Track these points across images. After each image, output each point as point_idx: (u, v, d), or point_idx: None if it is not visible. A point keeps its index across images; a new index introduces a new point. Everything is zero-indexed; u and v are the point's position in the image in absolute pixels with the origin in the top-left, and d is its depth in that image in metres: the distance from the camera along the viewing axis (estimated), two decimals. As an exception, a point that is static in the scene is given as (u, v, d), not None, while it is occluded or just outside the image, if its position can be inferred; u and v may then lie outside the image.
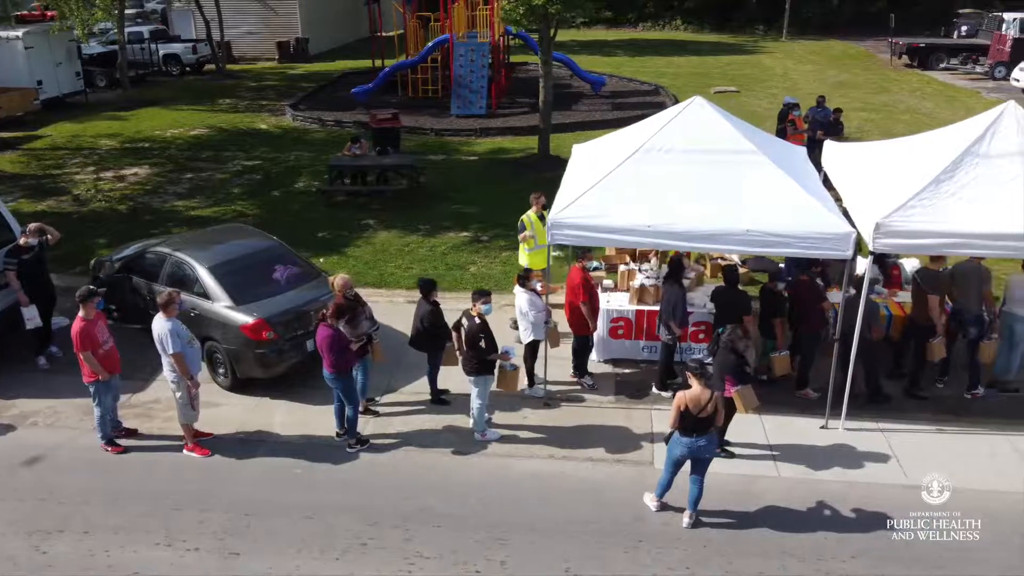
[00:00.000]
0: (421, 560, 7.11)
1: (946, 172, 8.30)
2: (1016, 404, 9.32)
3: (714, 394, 7.07)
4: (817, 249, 8.24)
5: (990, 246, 7.94)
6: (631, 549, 7.24)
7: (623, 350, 10.25)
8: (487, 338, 8.48)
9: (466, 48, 23.47)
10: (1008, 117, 8.59)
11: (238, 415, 9.29)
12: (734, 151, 8.77)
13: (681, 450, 7.23)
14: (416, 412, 9.37)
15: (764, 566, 7.05)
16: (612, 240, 8.64)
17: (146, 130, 22.44)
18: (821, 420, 8.96)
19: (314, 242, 14.24)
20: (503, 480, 8.22)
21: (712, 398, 7.04)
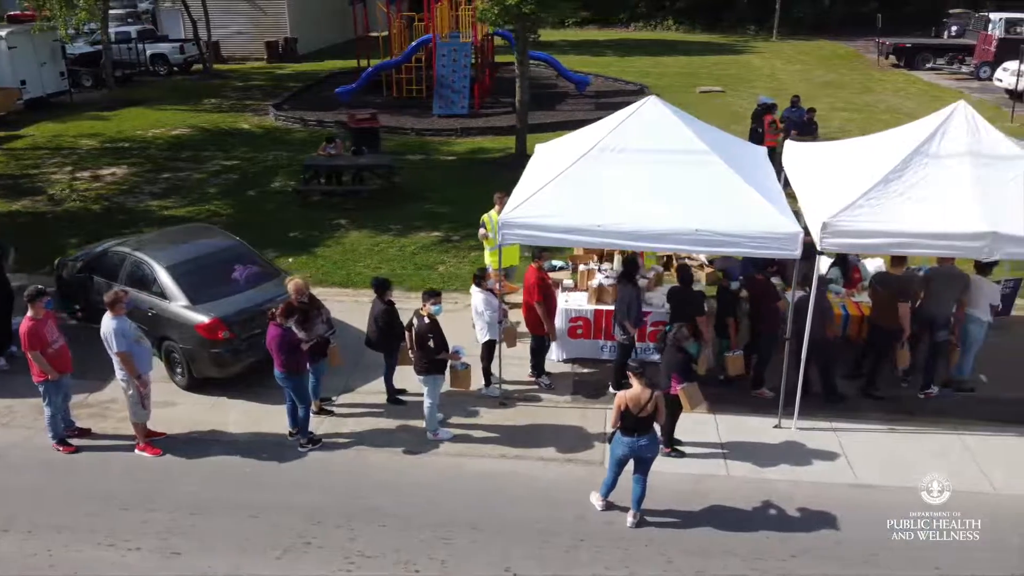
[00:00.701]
0: (362, 559, 7.12)
1: (895, 172, 8.32)
2: (970, 404, 9.33)
3: (654, 393, 7.08)
4: (766, 248, 8.25)
5: (936, 245, 7.96)
6: (572, 548, 7.26)
7: (582, 349, 10.26)
8: (436, 338, 8.49)
9: (448, 48, 23.47)
10: (958, 117, 8.62)
11: (193, 414, 9.30)
12: (686, 151, 8.78)
13: (623, 449, 7.24)
14: (372, 412, 9.38)
15: (704, 565, 7.07)
16: (563, 240, 8.64)
17: (128, 130, 22.45)
18: (775, 419, 8.98)
19: (285, 242, 14.26)
20: (453, 480, 8.23)
21: (652, 397, 7.05)
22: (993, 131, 8.56)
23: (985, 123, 8.65)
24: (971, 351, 9.39)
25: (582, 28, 47.67)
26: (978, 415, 9.10)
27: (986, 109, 23.48)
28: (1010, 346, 10.51)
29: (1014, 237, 7.64)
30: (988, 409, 9.20)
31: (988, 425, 8.90)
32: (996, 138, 8.49)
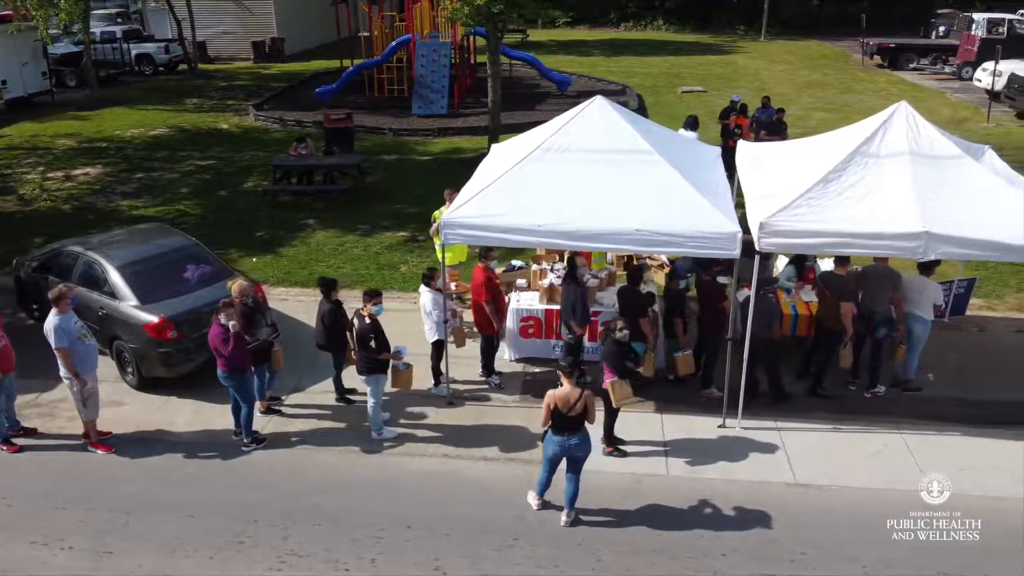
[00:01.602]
0: (293, 559, 7.14)
1: (835, 172, 8.36)
2: (915, 402, 9.35)
3: (584, 393, 7.10)
4: (706, 248, 8.28)
5: (872, 245, 7.99)
6: (504, 548, 7.28)
7: (534, 349, 10.28)
8: (378, 338, 8.52)
9: (428, 48, 23.49)
10: (898, 118, 8.66)
11: (142, 414, 9.33)
12: (630, 151, 8.80)
13: (554, 448, 7.27)
14: (320, 411, 9.41)
15: (633, 563, 7.09)
16: (505, 240, 8.66)
17: (107, 130, 22.47)
18: (720, 419, 9.00)
19: (252, 242, 14.29)
20: (393, 479, 8.25)
21: (582, 396, 7.07)
22: (933, 131, 8.58)
23: (925, 123, 8.68)
24: (916, 350, 9.41)
25: (572, 28, 47.74)
26: (923, 415, 9.12)
27: (964, 109, 23.60)
28: (962, 346, 10.56)
29: (947, 237, 7.67)
30: (934, 409, 9.22)
31: (931, 425, 8.92)
32: (935, 138, 8.51)
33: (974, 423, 8.93)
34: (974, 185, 8.15)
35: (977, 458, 8.35)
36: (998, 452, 8.43)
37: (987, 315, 11.39)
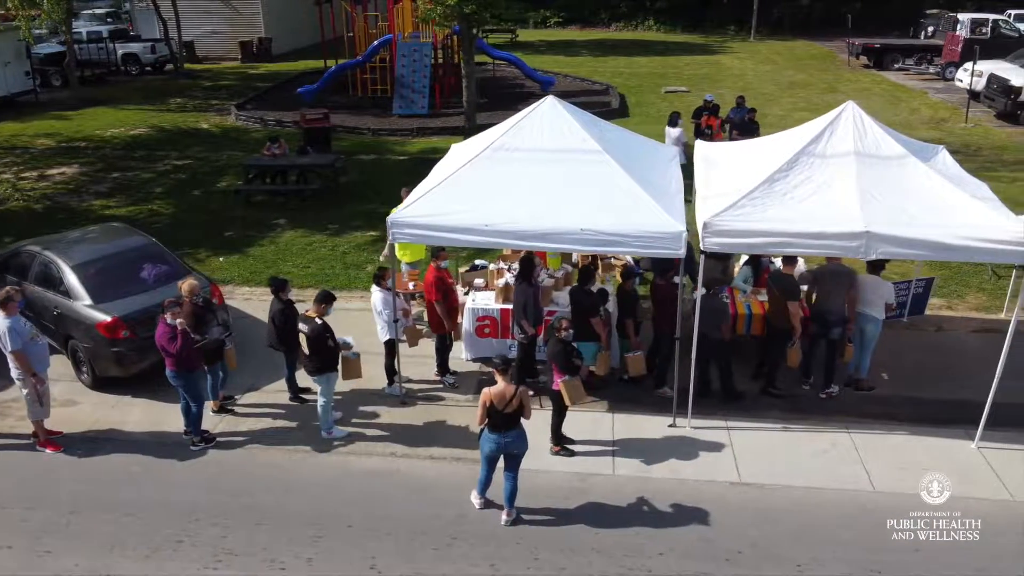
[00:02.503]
0: (230, 557, 7.16)
1: (780, 171, 8.38)
2: (867, 402, 9.37)
3: (518, 389, 7.12)
4: (651, 248, 8.28)
5: (814, 245, 7.99)
6: (443, 547, 7.29)
7: (490, 348, 10.26)
8: (332, 336, 8.55)
9: (409, 48, 23.52)
10: (845, 118, 8.68)
11: (95, 413, 9.34)
12: (579, 151, 8.81)
13: (490, 446, 7.29)
14: (272, 411, 9.42)
15: (569, 562, 7.10)
16: (451, 239, 8.66)
17: (87, 129, 22.49)
18: (671, 418, 9.01)
19: (220, 241, 14.31)
20: (338, 478, 8.26)
21: (516, 393, 7.09)
22: (879, 131, 8.60)
23: (872, 123, 8.69)
24: (868, 350, 9.42)
25: (563, 28, 47.77)
26: (874, 414, 9.14)
27: (945, 109, 23.61)
28: (918, 345, 10.58)
29: (888, 236, 7.68)
30: (885, 408, 9.24)
31: (881, 424, 8.94)
32: (880, 138, 8.52)
33: (923, 423, 8.94)
34: (917, 185, 8.15)
35: (921, 457, 8.36)
36: (942, 451, 8.45)
37: (947, 315, 11.40)
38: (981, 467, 8.22)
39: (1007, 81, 21.28)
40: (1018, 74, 21.45)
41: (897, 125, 21.80)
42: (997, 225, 7.69)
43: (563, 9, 48.49)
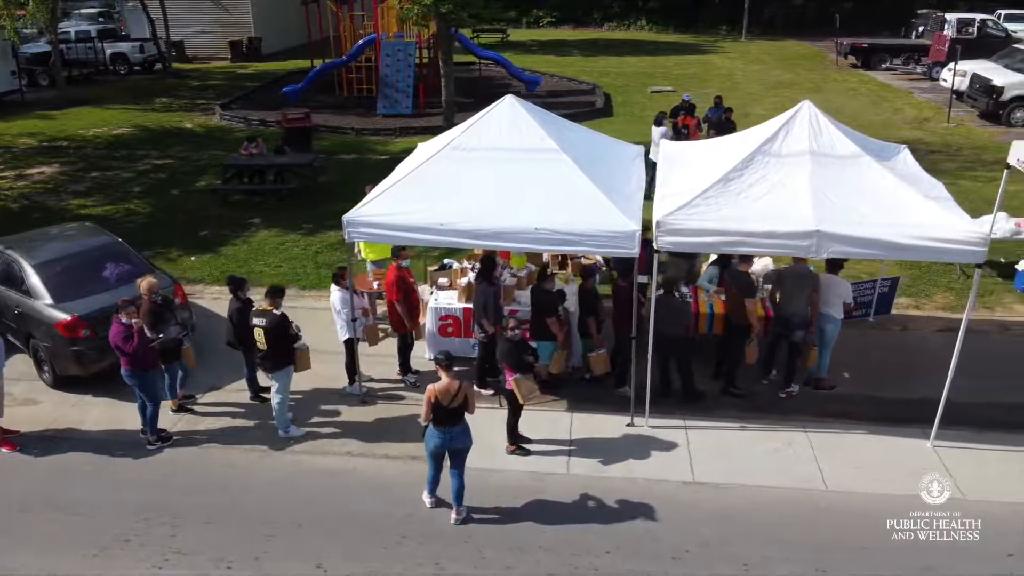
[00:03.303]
0: (177, 556, 7.16)
1: (735, 171, 8.38)
2: (827, 401, 9.37)
3: (462, 385, 7.13)
4: (605, 247, 8.29)
5: (766, 244, 7.98)
6: (391, 545, 7.29)
7: (453, 348, 10.23)
8: (291, 326, 8.57)
9: (393, 48, 23.53)
10: (801, 117, 8.67)
11: (54, 412, 9.34)
12: (536, 149, 8.81)
13: (435, 442, 7.29)
14: (232, 410, 9.42)
15: (515, 560, 7.11)
16: (407, 238, 8.66)
17: (71, 129, 22.50)
18: (629, 418, 9.00)
19: (194, 240, 14.31)
20: (293, 477, 8.26)
21: (461, 388, 7.10)
22: (834, 130, 8.60)
23: (828, 122, 8.69)
24: (827, 349, 9.42)
25: (556, 28, 47.76)
26: (833, 413, 9.13)
27: (928, 109, 23.60)
28: (882, 344, 10.58)
29: (838, 235, 7.67)
30: (844, 407, 9.24)
31: (839, 423, 8.94)
32: (836, 137, 8.52)
33: (882, 422, 8.95)
34: (871, 184, 8.14)
35: (876, 456, 8.37)
36: (897, 450, 8.45)
37: (913, 314, 11.40)
38: (934, 465, 8.20)
39: (989, 81, 21.27)
40: (1000, 74, 21.44)
41: (880, 125, 21.95)
42: (949, 225, 7.69)
43: (556, 9, 48.48)
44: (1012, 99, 20.83)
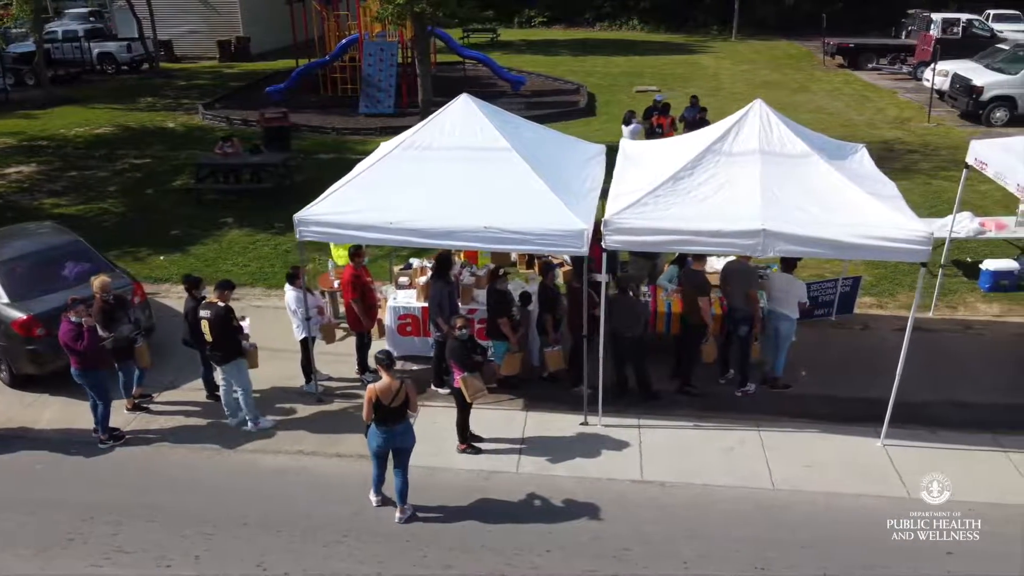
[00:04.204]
0: (119, 555, 7.16)
1: (685, 169, 8.38)
2: (783, 400, 9.37)
3: (404, 383, 7.14)
4: (554, 246, 8.28)
5: (712, 243, 7.97)
6: (333, 544, 7.29)
7: (413, 347, 10.29)
8: (235, 318, 8.59)
9: (375, 47, 23.53)
10: (752, 116, 8.67)
11: (8, 411, 9.36)
12: (489, 149, 8.80)
13: (377, 441, 7.30)
14: (188, 409, 9.42)
15: (456, 559, 7.11)
16: (357, 237, 8.67)
17: (52, 128, 22.50)
18: (583, 417, 9.00)
19: (165, 240, 14.31)
20: (243, 476, 8.27)
21: (402, 387, 7.11)
22: (784, 129, 8.58)
23: (779, 121, 8.67)
24: (783, 349, 9.42)
25: (548, 27, 47.76)
26: (789, 412, 9.13)
27: (910, 109, 23.58)
28: (842, 344, 10.59)
29: (784, 234, 7.67)
30: (799, 406, 9.24)
31: (792, 422, 8.93)
32: (786, 136, 8.51)
33: (835, 420, 8.95)
34: (820, 183, 8.13)
35: (826, 455, 8.37)
36: (848, 449, 8.46)
37: (876, 313, 11.39)
38: (883, 464, 8.22)
39: (969, 81, 21.26)
40: (980, 74, 21.42)
41: (861, 124, 21.98)
42: (894, 224, 7.69)
43: (548, 9, 48.47)
44: (991, 99, 20.81)
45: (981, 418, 8.88)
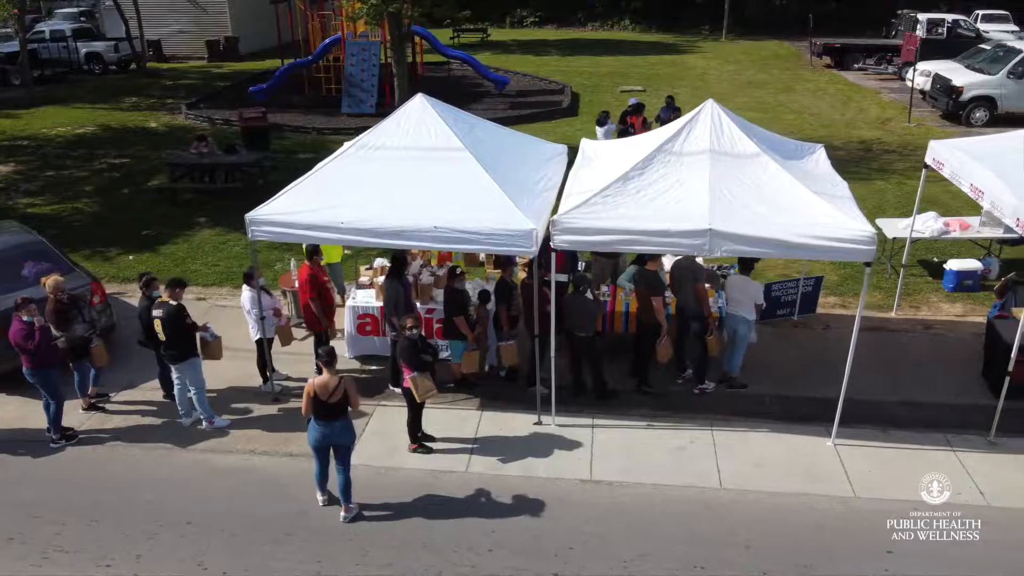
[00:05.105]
0: (59, 555, 7.16)
1: (636, 169, 8.39)
2: (738, 399, 9.37)
3: (342, 379, 7.16)
4: (503, 246, 8.26)
5: (659, 243, 7.97)
6: (274, 544, 7.29)
7: (372, 347, 10.29)
8: (187, 316, 8.59)
9: (358, 47, 23.53)
10: (704, 116, 8.67)
11: (-38, 411, 9.35)
12: (442, 148, 8.82)
13: (315, 435, 7.32)
14: (144, 408, 9.42)
15: (396, 558, 7.11)
16: (308, 237, 8.67)
17: (34, 128, 22.47)
18: (537, 416, 9.00)
19: (136, 239, 14.31)
20: (193, 475, 8.27)
21: (340, 384, 7.12)
22: (735, 129, 8.58)
23: (730, 121, 8.67)
24: (740, 349, 9.42)
25: (541, 27, 47.77)
26: (743, 412, 9.14)
27: (892, 109, 23.60)
28: (803, 344, 10.59)
29: (731, 234, 7.67)
30: (755, 406, 9.24)
31: (745, 421, 8.94)
32: (737, 136, 8.51)
33: (789, 420, 8.95)
34: (769, 183, 8.14)
35: (776, 454, 8.38)
36: (798, 448, 8.47)
37: (839, 313, 11.38)
38: (831, 463, 8.22)
39: (949, 81, 21.26)
40: (960, 74, 21.43)
41: (842, 124, 22.00)
42: (839, 224, 7.68)
43: (540, 8, 48.47)
44: (971, 99, 20.81)
45: (932, 418, 8.89)
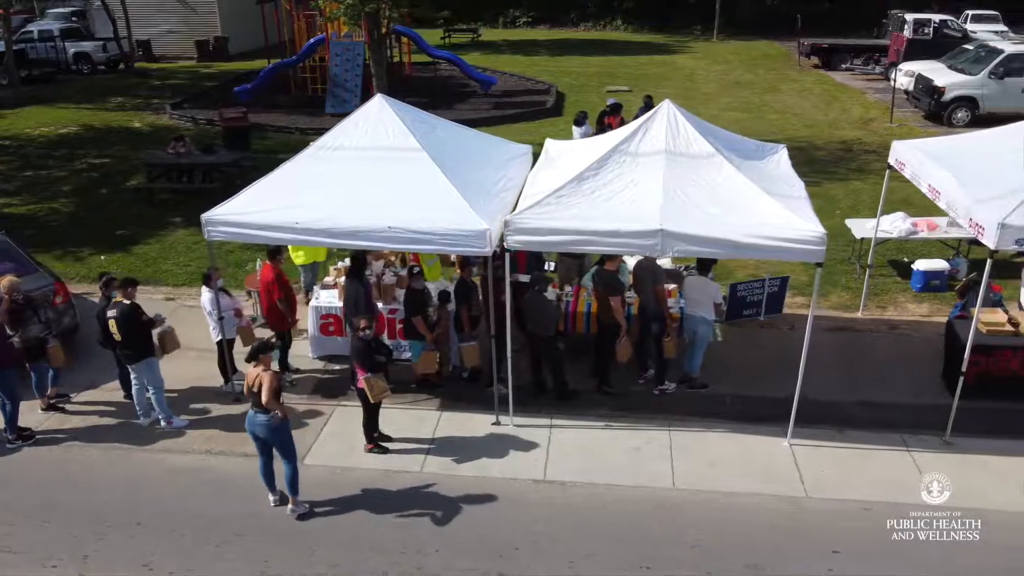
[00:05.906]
0: (6, 555, 7.16)
1: (591, 169, 8.39)
2: (698, 400, 9.38)
3: (259, 374, 7.19)
4: (458, 246, 8.26)
5: (611, 243, 7.97)
6: (224, 543, 7.30)
7: (335, 347, 10.29)
8: (143, 314, 8.60)
9: (342, 48, 23.55)
10: (660, 116, 8.67)
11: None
12: (399, 148, 8.82)
13: (247, 421, 7.41)
14: (104, 408, 9.42)
15: (343, 558, 7.12)
16: (263, 237, 8.66)
17: (17, 128, 22.48)
18: (496, 416, 9.00)
19: (110, 239, 14.31)
20: (147, 476, 8.27)
21: (258, 376, 7.15)
22: (691, 130, 8.58)
23: (686, 122, 8.67)
24: (700, 349, 9.42)
25: (533, 27, 47.78)
26: (702, 412, 9.13)
27: (876, 109, 23.61)
28: (767, 344, 10.59)
29: (682, 234, 7.67)
30: (715, 406, 9.25)
31: (703, 421, 8.94)
32: (692, 137, 8.51)
33: (748, 420, 8.96)
34: (723, 183, 8.14)
35: (732, 454, 8.39)
36: (754, 448, 8.47)
37: (807, 314, 11.32)
38: (786, 463, 8.23)
39: (931, 81, 21.27)
40: (943, 74, 21.44)
41: (825, 124, 22.00)
42: (790, 224, 7.69)
43: (532, 8, 48.49)
44: (953, 99, 20.81)
45: (890, 418, 8.89)
